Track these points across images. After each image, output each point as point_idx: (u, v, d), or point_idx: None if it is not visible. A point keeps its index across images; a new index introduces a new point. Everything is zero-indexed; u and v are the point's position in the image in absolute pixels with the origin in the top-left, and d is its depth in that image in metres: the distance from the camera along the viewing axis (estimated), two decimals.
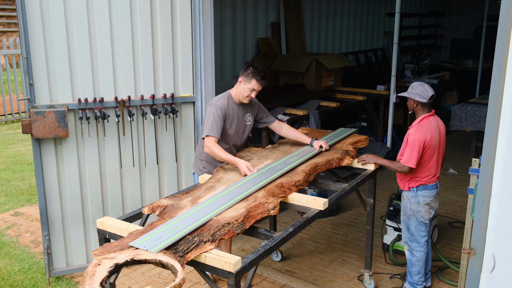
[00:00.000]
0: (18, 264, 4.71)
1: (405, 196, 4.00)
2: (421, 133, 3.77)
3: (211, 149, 3.75)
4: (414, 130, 3.82)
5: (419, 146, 3.75)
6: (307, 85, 7.50)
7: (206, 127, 3.80)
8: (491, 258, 2.00)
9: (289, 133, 4.30)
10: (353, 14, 10.23)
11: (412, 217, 3.96)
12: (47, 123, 3.98)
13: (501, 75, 1.89)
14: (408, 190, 3.95)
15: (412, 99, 3.86)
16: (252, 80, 3.84)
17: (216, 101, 3.90)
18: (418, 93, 3.82)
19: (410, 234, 4.02)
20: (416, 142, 3.75)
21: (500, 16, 1.88)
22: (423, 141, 3.76)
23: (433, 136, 3.79)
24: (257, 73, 3.84)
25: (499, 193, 1.96)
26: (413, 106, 3.88)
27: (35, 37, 3.96)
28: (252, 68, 3.86)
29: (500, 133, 1.91)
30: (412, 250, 4.04)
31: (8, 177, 7.27)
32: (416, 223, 3.97)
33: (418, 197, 3.92)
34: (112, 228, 3.03)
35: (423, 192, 3.91)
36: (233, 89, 3.99)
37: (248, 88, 3.86)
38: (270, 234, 2.99)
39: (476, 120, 7.45)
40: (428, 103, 3.84)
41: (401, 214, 4.10)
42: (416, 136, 3.76)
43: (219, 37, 7.14)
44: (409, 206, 3.97)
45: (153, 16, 4.36)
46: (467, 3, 13.08)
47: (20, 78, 11.65)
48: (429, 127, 3.80)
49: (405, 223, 4.05)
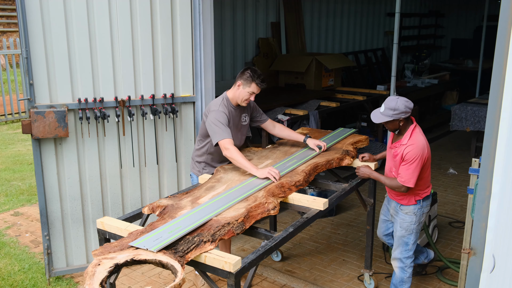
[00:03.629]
0: (18, 264, 4.71)
1: (409, 210, 3.69)
2: (418, 149, 3.48)
3: (232, 154, 3.61)
4: (412, 148, 3.49)
5: (420, 166, 3.50)
6: (307, 85, 7.50)
7: (217, 131, 3.69)
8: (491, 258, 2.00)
9: (283, 132, 4.26)
10: (353, 14, 10.24)
11: (415, 230, 3.71)
12: (47, 123, 3.98)
13: (501, 75, 1.88)
14: (415, 203, 3.68)
15: (397, 120, 3.52)
16: (252, 84, 3.81)
17: (218, 106, 3.83)
18: (402, 111, 3.48)
19: (407, 250, 3.74)
20: (418, 162, 3.48)
21: (500, 16, 1.87)
22: (423, 159, 3.51)
23: (426, 146, 3.55)
24: (256, 77, 3.80)
25: (499, 193, 1.96)
26: (399, 125, 3.56)
27: (35, 37, 3.96)
28: (251, 72, 3.81)
29: (500, 133, 1.91)
30: (405, 267, 3.78)
31: (8, 177, 7.27)
32: (416, 236, 3.74)
33: (423, 208, 3.72)
34: (112, 228, 3.03)
35: (427, 202, 3.74)
36: (229, 92, 3.94)
37: (248, 92, 3.83)
38: (270, 234, 2.99)
39: (476, 120, 7.46)
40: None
41: (398, 230, 3.75)
42: (416, 154, 3.47)
43: (219, 37, 7.14)
44: (414, 220, 3.68)
45: (153, 16, 4.36)
46: (467, 3, 13.08)
47: (20, 78, 11.66)
48: (423, 139, 3.54)
49: (403, 240, 3.73)
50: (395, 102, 3.49)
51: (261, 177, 3.50)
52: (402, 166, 3.54)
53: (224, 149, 3.67)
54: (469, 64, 11.55)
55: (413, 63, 10.24)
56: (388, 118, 3.51)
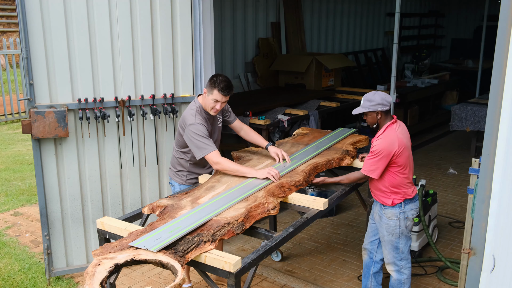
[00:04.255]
0: (18, 264, 4.71)
1: (391, 214, 3.58)
2: (385, 143, 3.45)
3: (224, 167, 3.56)
4: (380, 141, 3.48)
5: (386, 160, 3.45)
6: (307, 85, 7.50)
7: (200, 146, 3.59)
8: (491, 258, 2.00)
9: (248, 136, 4.12)
10: (353, 14, 10.24)
11: (402, 234, 3.60)
12: (47, 123, 3.98)
13: (501, 75, 1.89)
14: (393, 205, 3.57)
15: (374, 111, 3.54)
16: (214, 91, 3.63)
17: (194, 118, 3.68)
18: (379, 103, 3.49)
19: (399, 253, 3.65)
20: (382, 156, 3.44)
21: (500, 16, 1.88)
22: (391, 154, 3.44)
23: (401, 144, 3.46)
24: (218, 83, 3.61)
25: (499, 193, 1.96)
26: (377, 119, 3.56)
27: (35, 37, 3.96)
28: (215, 78, 3.65)
29: (500, 133, 1.91)
30: (401, 270, 3.70)
31: (8, 177, 7.27)
32: (405, 239, 3.64)
33: (406, 212, 3.58)
34: (112, 228, 3.04)
35: (411, 205, 3.59)
36: (200, 98, 3.81)
37: (212, 99, 3.65)
38: (270, 234, 2.99)
39: (476, 120, 7.46)
40: (389, 109, 3.56)
41: (385, 235, 3.64)
42: (382, 147, 3.44)
43: (219, 37, 7.14)
44: (398, 224, 3.58)
45: (153, 16, 4.36)
46: (467, 3, 13.09)
47: (20, 78, 11.66)
48: (395, 135, 3.48)
49: (392, 244, 3.64)
50: (372, 95, 3.56)
51: (261, 177, 3.49)
52: (367, 158, 3.57)
53: (214, 163, 3.59)
54: (469, 64, 11.55)
55: (413, 63, 10.23)
56: (365, 110, 3.56)
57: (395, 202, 3.57)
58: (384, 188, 3.57)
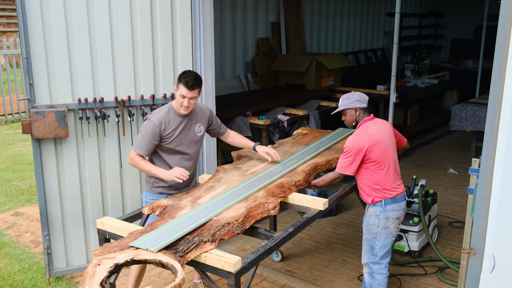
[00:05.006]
0: (18, 264, 4.71)
1: (371, 212, 3.56)
2: (354, 140, 3.47)
3: (135, 163, 3.59)
4: (350, 138, 3.53)
5: (359, 157, 3.44)
6: (307, 85, 7.50)
7: (136, 141, 3.61)
8: (491, 258, 2.00)
9: (235, 140, 4.06)
10: (353, 14, 10.24)
11: (380, 235, 3.55)
12: (47, 123, 3.98)
13: (501, 75, 1.89)
14: (373, 203, 3.54)
15: (352, 108, 3.56)
16: (180, 85, 3.47)
17: (154, 114, 3.58)
18: (357, 100, 3.54)
19: (373, 255, 3.60)
20: (353, 153, 3.44)
21: (500, 16, 1.88)
22: (362, 150, 3.43)
23: (372, 140, 3.44)
24: (184, 77, 3.45)
25: (499, 193, 1.96)
26: (356, 117, 3.58)
27: (35, 37, 3.96)
28: (182, 73, 3.51)
29: (500, 133, 1.91)
30: (373, 273, 3.64)
31: (8, 177, 7.28)
32: (383, 241, 3.57)
33: (387, 211, 3.52)
34: (112, 228, 3.04)
35: (392, 206, 3.53)
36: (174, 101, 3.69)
37: (179, 95, 3.49)
38: (270, 234, 3.00)
39: (476, 120, 7.46)
40: (367, 108, 3.57)
41: (364, 233, 3.63)
42: (352, 144, 3.46)
43: (219, 37, 7.14)
44: (377, 223, 3.53)
45: (153, 16, 4.36)
46: (467, 3, 13.08)
47: (20, 78, 11.65)
48: (365, 132, 3.48)
49: (369, 243, 3.61)
50: (349, 94, 3.64)
51: (168, 179, 3.49)
52: (340, 157, 3.58)
53: (129, 158, 3.62)
54: (469, 64, 11.55)
55: (413, 63, 10.23)
56: (344, 107, 3.60)
57: (375, 200, 3.54)
58: (364, 186, 3.59)
